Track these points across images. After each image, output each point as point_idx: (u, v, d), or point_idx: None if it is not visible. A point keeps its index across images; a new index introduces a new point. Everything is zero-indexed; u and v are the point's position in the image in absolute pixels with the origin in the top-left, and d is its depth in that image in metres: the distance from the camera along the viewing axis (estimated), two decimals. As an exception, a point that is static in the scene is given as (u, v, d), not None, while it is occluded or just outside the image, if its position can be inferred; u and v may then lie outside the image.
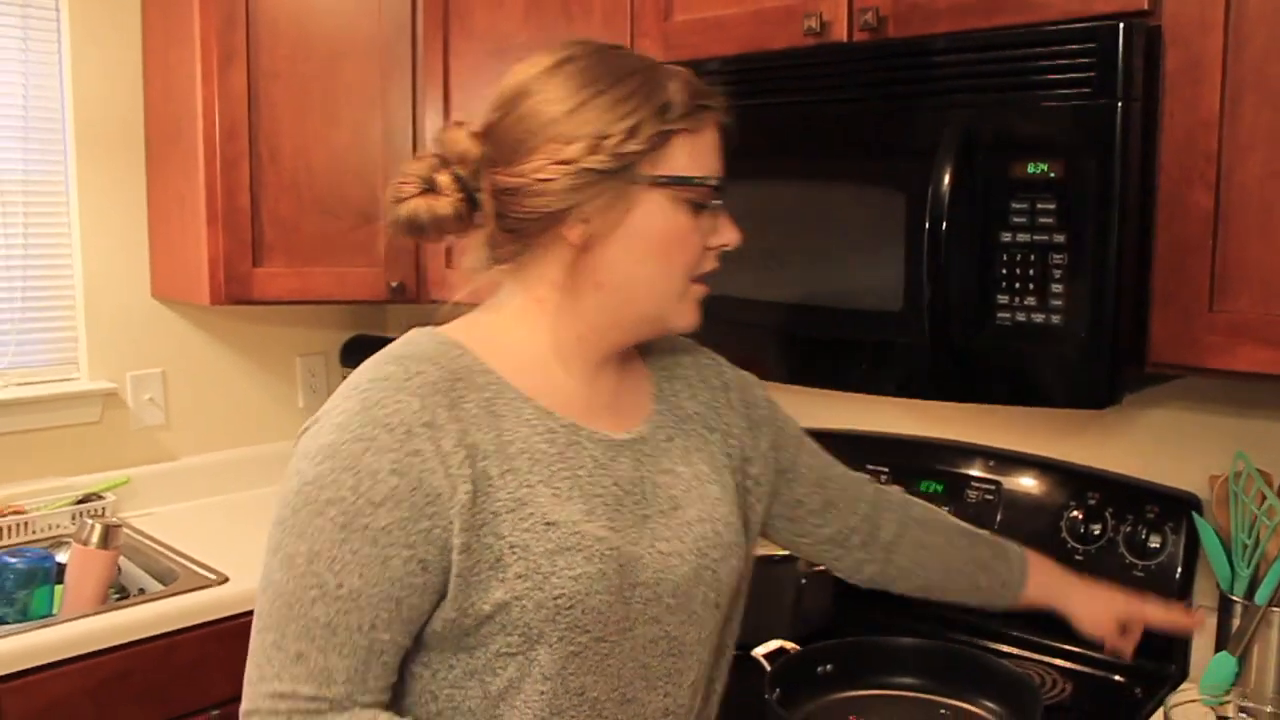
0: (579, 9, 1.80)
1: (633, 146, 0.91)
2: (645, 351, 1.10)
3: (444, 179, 0.97)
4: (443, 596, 0.90)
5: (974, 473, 1.69)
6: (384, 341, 1.01)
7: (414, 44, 2.11)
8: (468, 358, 0.95)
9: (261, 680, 0.88)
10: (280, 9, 2.08)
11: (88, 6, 2.19)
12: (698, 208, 0.95)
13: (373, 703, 0.89)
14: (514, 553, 0.89)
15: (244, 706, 0.89)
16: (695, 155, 0.95)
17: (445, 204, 0.96)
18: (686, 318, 1.00)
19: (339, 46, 2.11)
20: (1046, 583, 1.30)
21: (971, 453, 1.71)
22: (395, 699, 0.94)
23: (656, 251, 0.95)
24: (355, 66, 2.12)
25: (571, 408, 0.98)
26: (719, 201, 0.98)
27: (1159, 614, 1.29)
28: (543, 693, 0.91)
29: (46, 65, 2.17)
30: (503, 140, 0.94)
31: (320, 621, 0.86)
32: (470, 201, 0.97)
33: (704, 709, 1.08)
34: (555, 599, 0.89)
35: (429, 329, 0.99)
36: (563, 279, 0.96)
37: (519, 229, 0.95)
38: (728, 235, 0.99)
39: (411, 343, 0.96)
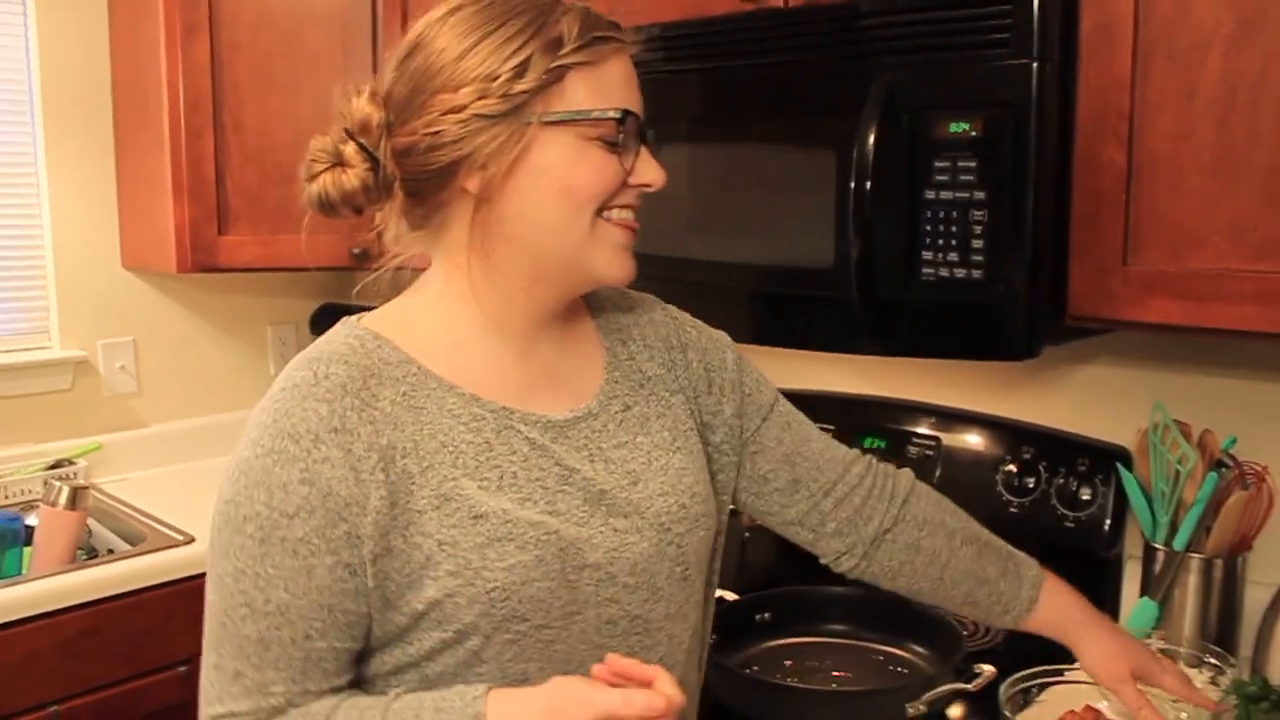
0: (531, -22, 1.83)
1: (523, 85, 0.87)
2: (597, 313, 1.06)
3: (349, 150, 0.91)
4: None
5: (915, 429, 1.74)
6: (353, 309, 0.99)
7: (374, 13, 2.14)
8: (386, 349, 0.91)
9: (206, 704, 0.88)
10: (241, -20, 2.11)
11: (53, -20, 2.22)
12: (610, 145, 0.90)
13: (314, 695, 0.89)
14: (443, 550, 0.86)
15: None
16: (596, 89, 0.89)
17: (352, 176, 0.91)
18: (614, 267, 0.93)
19: (300, 17, 2.14)
20: (1059, 619, 1.15)
21: (913, 409, 1.76)
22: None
23: (559, 193, 0.89)
24: (316, 37, 2.14)
25: (503, 390, 0.94)
26: (633, 137, 0.91)
27: (1174, 684, 1.13)
28: (481, 675, 0.90)
29: (13, 39, 2.19)
30: (398, 100, 0.90)
31: (252, 639, 0.86)
32: (378, 170, 0.91)
33: (683, 675, 1.04)
34: (489, 592, 0.87)
35: (352, 320, 0.95)
36: (474, 238, 0.92)
37: (419, 191, 0.91)
38: (646, 175, 0.92)
39: (329, 339, 0.93)
